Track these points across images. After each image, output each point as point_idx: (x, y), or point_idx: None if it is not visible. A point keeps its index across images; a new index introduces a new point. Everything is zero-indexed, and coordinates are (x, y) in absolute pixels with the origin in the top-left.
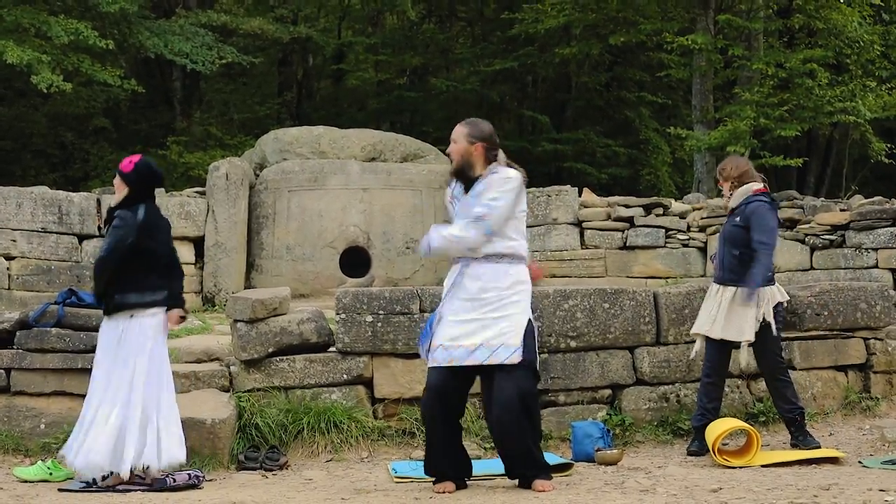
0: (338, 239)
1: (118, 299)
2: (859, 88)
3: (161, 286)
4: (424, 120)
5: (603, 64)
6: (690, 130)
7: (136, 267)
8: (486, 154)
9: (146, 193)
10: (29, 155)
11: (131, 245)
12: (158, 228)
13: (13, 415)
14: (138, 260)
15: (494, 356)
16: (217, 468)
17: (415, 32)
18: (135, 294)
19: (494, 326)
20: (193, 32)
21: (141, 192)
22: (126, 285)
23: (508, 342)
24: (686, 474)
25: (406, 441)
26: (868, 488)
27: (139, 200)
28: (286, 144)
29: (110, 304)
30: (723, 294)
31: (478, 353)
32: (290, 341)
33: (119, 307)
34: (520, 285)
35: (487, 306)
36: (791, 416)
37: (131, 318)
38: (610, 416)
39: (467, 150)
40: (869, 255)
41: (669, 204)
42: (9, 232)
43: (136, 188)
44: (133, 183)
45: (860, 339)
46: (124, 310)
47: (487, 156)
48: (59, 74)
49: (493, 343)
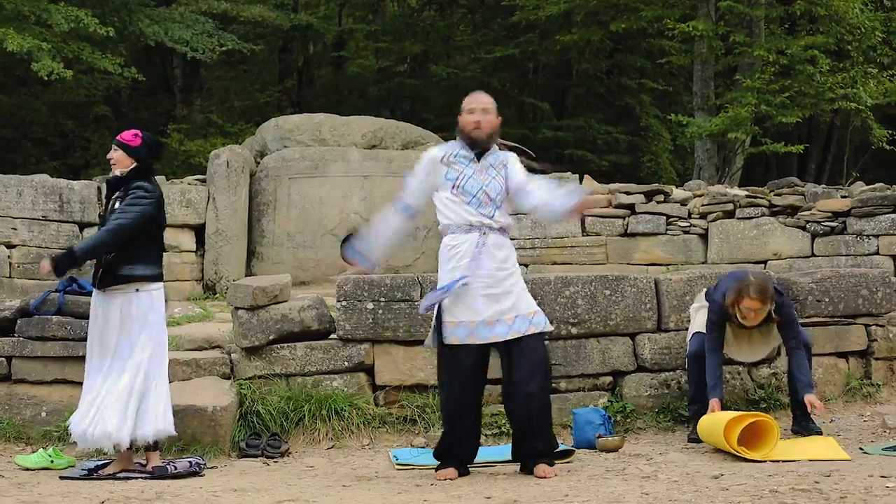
0: (339, 226)
1: (125, 271)
2: (860, 75)
3: (162, 260)
4: (425, 107)
5: (604, 51)
6: (691, 117)
7: (147, 240)
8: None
9: (152, 166)
10: (29, 143)
11: (151, 217)
12: (163, 203)
13: (14, 403)
14: (149, 232)
15: (533, 325)
16: (218, 455)
17: (415, 20)
18: (143, 266)
19: (524, 296)
20: (194, 20)
21: (149, 164)
22: (135, 258)
23: (525, 312)
24: (687, 461)
25: (407, 428)
26: (869, 474)
27: (150, 172)
28: (287, 132)
29: (114, 276)
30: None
31: (517, 324)
32: (291, 328)
33: (127, 279)
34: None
35: (511, 277)
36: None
37: (137, 292)
38: (611, 402)
39: (493, 122)
40: (870, 241)
41: (670, 191)
42: (9, 220)
43: (145, 161)
44: (143, 156)
45: (861, 325)
46: (132, 282)
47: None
48: (60, 62)
49: (510, 318)
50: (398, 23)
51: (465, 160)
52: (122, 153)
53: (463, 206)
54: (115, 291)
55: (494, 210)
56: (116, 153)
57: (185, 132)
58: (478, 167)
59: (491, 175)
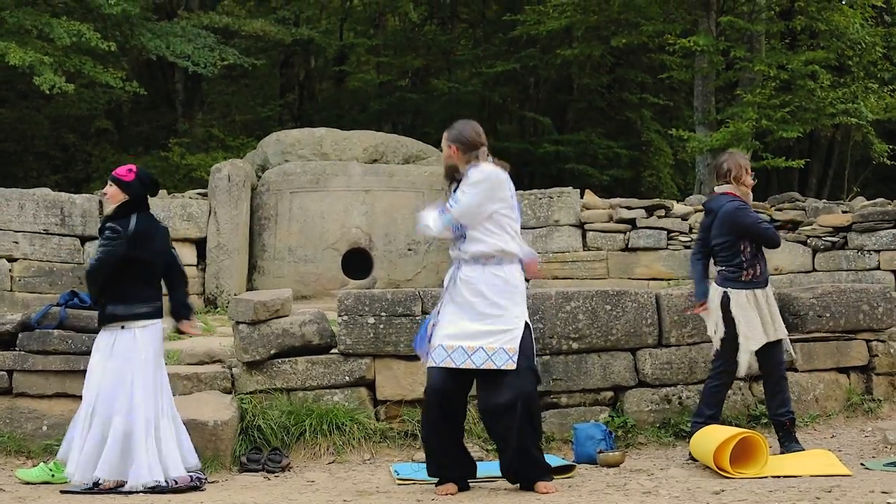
0: (340, 240)
1: (109, 310)
2: (861, 90)
3: (153, 297)
4: (426, 121)
5: (605, 65)
6: (692, 132)
7: (127, 278)
8: (463, 154)
9: (143, 202)
10: (31, 157)
11: (121, 256)
12: (152, 238)
13: (15, 416)
14: (129, 271)
15: (490, 361)
16: (219, 470)
17: (416, 34)
18: (122, 306)
19: (492, 330)
20: (195, 34)
21: (138, 200)
22: (115, 297)
23: (507, 347)
24: (688, 476)
25: (408, 443)
26: (870, 490)
27: (133, 210)
28: (288, 146)
29: (101, 315)
30: (768, 296)
31: (475, 356)
32: (292, 343)
33: (110, 318)
34: (511, 287)
35: (481, 309)
36: (781, 420)
37: (122, 329)
38: (612, 417)
39: (447, 153)
40: (871, 256)
41: (671, 206)
42: (11, 234)
43: (136, 197)
44: (135, 191)
45: (862, 340)
46: (115, 321)
47: (466, 156)
48: (62, 76)
49: (491, 347)
50: (399, 37)
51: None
52: (115, 188)
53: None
54: (108, 329)
55: (460, 240)
56: (111, 189)
57: (187, 146)
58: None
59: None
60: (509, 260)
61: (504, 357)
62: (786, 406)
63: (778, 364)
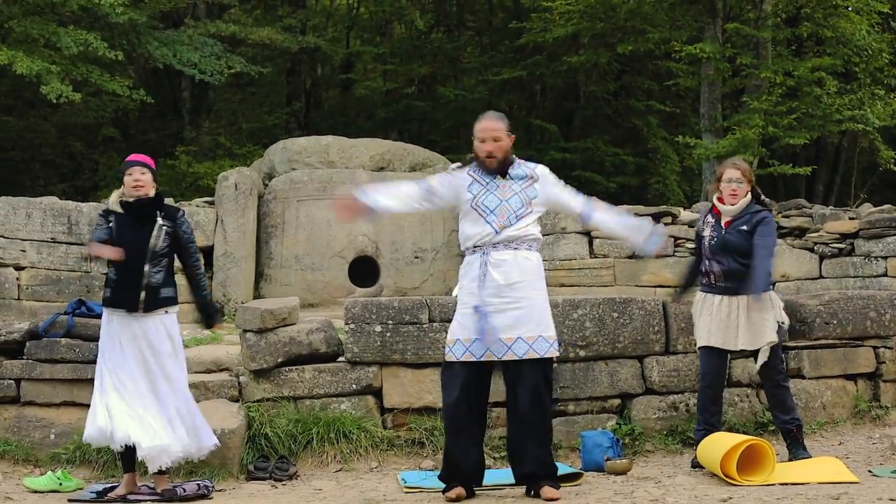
0: (346, 248)
1: (165, 293)
2: (868, 97)
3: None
4: (433, 129)
5: (611, 73)
6: (699, 139)
7: (172, 264)
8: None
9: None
10: (38, 165)
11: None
12: None
13: (23, 425)
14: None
15: (532, 350)
16: (227, 478)
17: (423, 42)
18: (174, 289)
19: (529, 318)
20: (202, 42)
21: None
22: (171, 281)
23: (546, 334)
24: (696, 483)
25: (415, 451)
26: (878, 498)
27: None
28: (295, 154)
29: (156, 299)
30: (731, 304)
31: (516, 346)
32: (299, 351)
33: (165, 302)
34: (540, 272)
35: (516, 296)
36: (788, 427)
37: (166, 314)
38: (619, 425)
39: (507, 143)
40: (878, 263)
41: (678, 213)
42: (18, 242)
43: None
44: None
45: (870, 347)
46: (168, 305)
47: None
48: (69, 85)
49: (531, 336)
50: (406, 45)
51: (489, 177)
52: (150, 176)
53: (480, 223)
54: (152, 314)
55: (514, 222)
56: (145, 176)
57: (194, 154)
58: (502, 183)
59: (514, 190)
60: (536, 244)
61: (544, 345)
62: (791, 413)
63: (771, 375)
